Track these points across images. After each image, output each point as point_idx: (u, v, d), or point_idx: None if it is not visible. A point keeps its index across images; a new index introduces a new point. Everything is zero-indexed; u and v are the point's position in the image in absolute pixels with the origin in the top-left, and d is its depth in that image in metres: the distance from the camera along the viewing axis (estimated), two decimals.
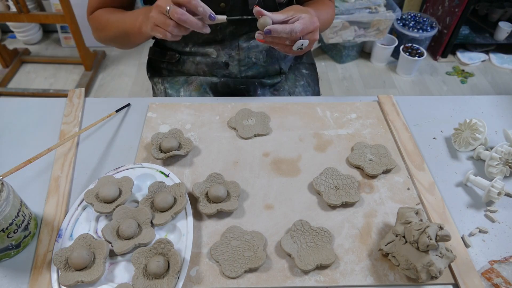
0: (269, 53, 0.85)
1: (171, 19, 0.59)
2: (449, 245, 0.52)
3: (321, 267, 0.50)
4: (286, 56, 0.89)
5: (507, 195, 0.61)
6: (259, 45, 0.83)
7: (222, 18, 0.62)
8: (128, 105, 0.74)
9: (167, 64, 0.88)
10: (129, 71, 2.21)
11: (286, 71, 0.91)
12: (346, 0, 2.04)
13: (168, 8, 0.59)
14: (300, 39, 0.63)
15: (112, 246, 0.50)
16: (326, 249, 0.51)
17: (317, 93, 0.96)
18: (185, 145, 0.64)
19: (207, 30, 0.62)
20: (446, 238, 0.46)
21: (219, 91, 0.87)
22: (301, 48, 0.65)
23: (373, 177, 0.62)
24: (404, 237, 0.50)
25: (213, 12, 0.61)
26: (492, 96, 0.79)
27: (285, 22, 0.63)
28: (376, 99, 0.77)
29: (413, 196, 0.60)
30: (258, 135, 0.69)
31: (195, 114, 0.72)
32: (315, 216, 0.57)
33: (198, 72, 0.86)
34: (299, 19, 0.63)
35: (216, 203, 0.56)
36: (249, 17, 0.64)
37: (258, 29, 0.63)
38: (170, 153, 0.62)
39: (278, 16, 0.63)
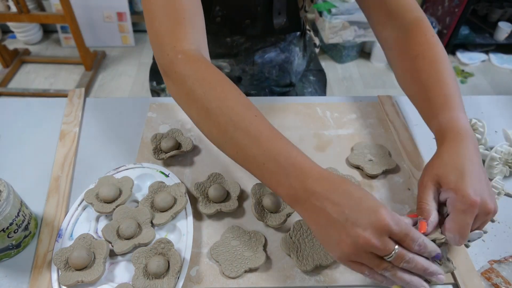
0: (282, 68, 0.84)
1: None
2: (449, 245, 0.52)
3: (321, 267, 0.50)
4: (298, 69, 0.88)
5: (507, 195, 0.61)
6: (272, 60, 0.81)
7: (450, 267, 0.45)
8: None
9: None
10: (129, 71, 2.21)
11: (296, 82, 0.90)
12: (346, 0, 2.04)
13: (395, 250, 0.38)
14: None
15: (112, 246, 0.50)
16: None
17: None
18: (185, 145, 0.64)
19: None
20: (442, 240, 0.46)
21: None
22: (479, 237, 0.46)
23: (373, 177, 0.62)
24: None
25: (439, 250, 0.41)
26: (492, 96, 0.79)
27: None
28: (376, 99, 0.77)
29: (413, 196, 0.60)
30: None
31: None
32: None
33: None
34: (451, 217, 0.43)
35: (216, 203, 0.56)
36: None
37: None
38: (170, 153, 0.62)
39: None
